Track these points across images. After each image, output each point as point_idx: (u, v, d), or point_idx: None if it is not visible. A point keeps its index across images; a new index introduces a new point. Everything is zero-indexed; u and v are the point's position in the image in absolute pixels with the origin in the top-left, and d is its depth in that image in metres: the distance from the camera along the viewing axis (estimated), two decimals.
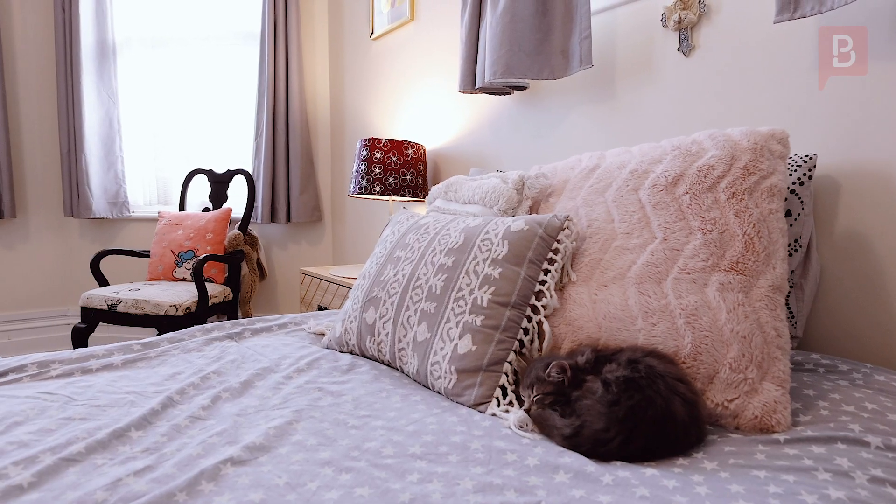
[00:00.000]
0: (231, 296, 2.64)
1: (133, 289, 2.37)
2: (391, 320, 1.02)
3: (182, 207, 2.83)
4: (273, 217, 2.80)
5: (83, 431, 0.72)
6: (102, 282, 2.54)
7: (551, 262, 0.95)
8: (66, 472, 0.63)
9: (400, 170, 1.99)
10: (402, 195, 1.98)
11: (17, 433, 0.72)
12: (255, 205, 2.78)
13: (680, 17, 1.34)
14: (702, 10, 1.31)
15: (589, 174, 1.08)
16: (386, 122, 2.48)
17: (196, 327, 1.21)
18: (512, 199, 1.13)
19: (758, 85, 1.20)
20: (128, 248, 3.02)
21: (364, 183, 1.99)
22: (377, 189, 1.97)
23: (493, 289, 0.92)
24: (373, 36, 2.52)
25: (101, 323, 2.35)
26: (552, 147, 1.69)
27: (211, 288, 2.48)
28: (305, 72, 2.87)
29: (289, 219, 2.82)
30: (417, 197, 2.02)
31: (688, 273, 0.84)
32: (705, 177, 0.90)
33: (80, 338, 2.35)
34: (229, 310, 2.70)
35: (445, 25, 2.09)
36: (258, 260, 2.82)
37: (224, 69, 2.95)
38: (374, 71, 2.56)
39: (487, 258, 0.96)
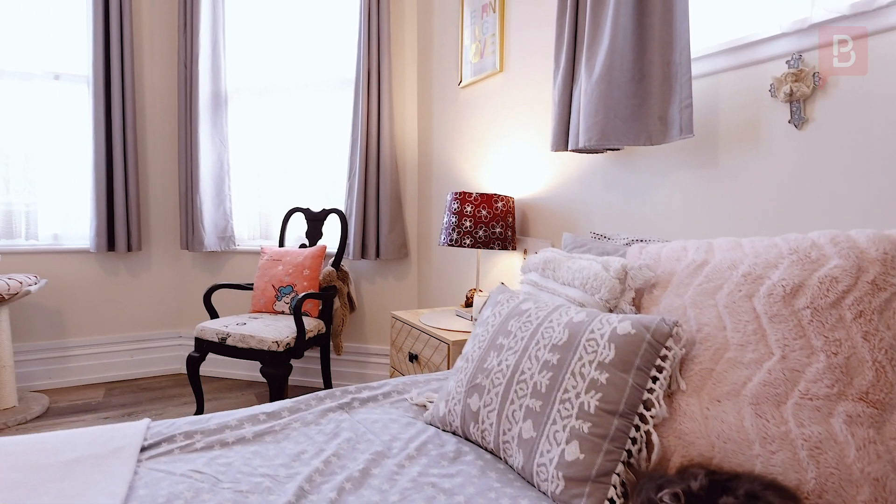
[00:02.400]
0: (324, 329, 2.81)
1: (240, 323, 2.58)
2: (495, 411, 1.06)
3: (282, 243, 3.05)
4: (363, 254, 2.94)
5: None
6: (213, 313, 2.78)
7: (659, 369, 0.95)
8: None
9: (490, 223, 2.04)
10: (492, 248, 2.03)
11: None
12: (347, 242, 2.94)
13: (791, 90, 1.28)
14: (815, 83, 1.25)
15: (697, 270, 1.06)
16: (472, 168, 2.55)
17: (311, 396, 1.32)
18: (615, 290, 1.14)
19: (881, 166, 1.13)
20: (233, 281, 3.29)
21: (455, 235, 2.05)
22: (467, 242, 2.03)
23: (600, 395, 0.94)
24: (461, 84, 2.59)
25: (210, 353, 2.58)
26: (646, 210, 1.67)
27: (307, 322, 2.66)
28: (396, 116, 3.01)
29: (378, 255, 2.96)
30: (506, 249, 2.06)
31: (810, 399, 0.82)
32: (828, 290, 0.87)
33: (193, 366, 2.60)
34: (322, 342, 2.87)
35: (534, 79, 2.12)
36: (349, 294, 2.98)
37: (321, 114, 3.15)
38: (462, 117, 2.63)
39: (594, 360, 0.98)
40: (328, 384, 2.92)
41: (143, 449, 1.07)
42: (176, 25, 3.22)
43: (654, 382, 0.95)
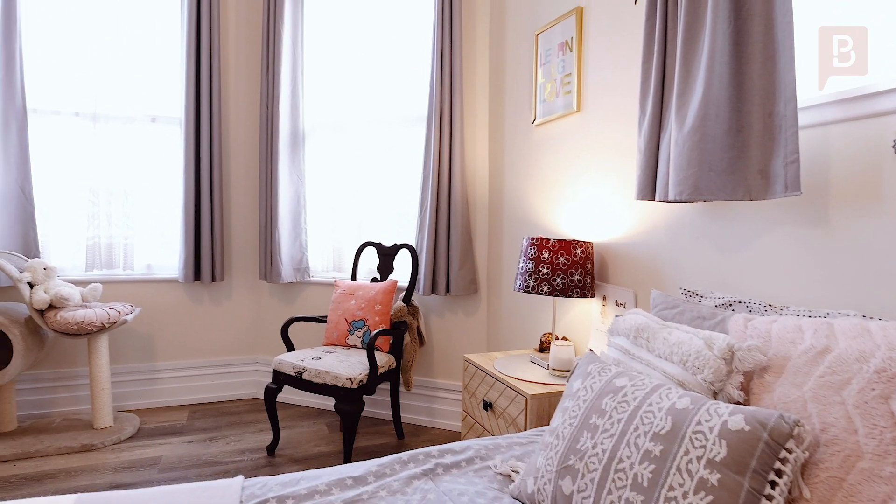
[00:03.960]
0: (395, 364, 2.83)
1: (315, 357, 2.64)
2: (591, 499, 1.01)
3: (354, 276, 3.12)
4: (434, 289, 2.95)
5: None
6: (289, 345, 2.87)
7: (779, 473, 0.87)
8: None
9: (568, 270, 1.98)
10: (571, 295, 1.97)
11: None
12: (418, 277, 2.96)
13: None
14: None
15: (817, 358, 0.97)
16: (547, 208, 2.50)
17: (395, 458, 1.32)
18: (720, 371, 1.06)
19: None
20: (307, 311, 3.40)
21: (531, 282, 2.01)
22: (544, 289, 1.98)
23: (711, 497, 0.87)
24: (534, 122, 2.56)
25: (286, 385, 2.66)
26: (742, 266, 1.56)
27: (378, 357, 2.69)
28: (467, 152, 3.02)
29: (448, 291, 2.96)
30: (585, 297, 2.00)
31: None
32: None
33: (270, 397, 2.69)
34: (393, 377, 2.89)
35: (614, 121, 2.06)
36: (418, 328, 2.99)
37: (393, 150, 3.22)
38: (535, 156, 2.60)
39: (702, 457, 0.91)
40: (397, 418, 2.94)
41: None
42: (259, 70, 3.41)
43: (773, 488, 0.87)
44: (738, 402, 1.07)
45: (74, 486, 2.35)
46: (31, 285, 2.73)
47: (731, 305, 1.46)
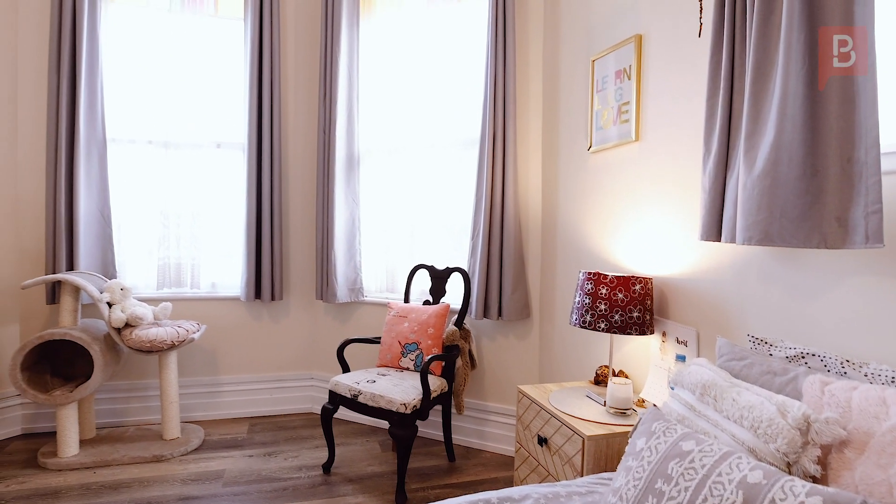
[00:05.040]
0: (447, 388, 2.86)
1: (370, 380, 2.70)
2: None
3: (407, 298, 3.17)
4: (486, 313, 2.96)
5: None
6: (345, 367, 2.95)
7: None
8: None
9: (626, 306, 1.95)
10: (629, 333, 1.94)
11: None
12: (470, 301, 2.98)
13: None
14: None
15: None
16: (602, 236, 2.46)
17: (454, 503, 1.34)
18: (794, 443, 1.03)
19: None
20: (360, 330, 3.48)
21: (588, 318, 1.99)
22: (602, 326, 1.95)
23: None
24: (590, 149, 2.53)
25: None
26: (815, 315, 1.49)
27: (431, 381, 2.72)
28: (520, 177, 3.01)
29: (500, 315, 2.96)
30: (644, 333, 1.96)
31: None
32: None
33: (327, 417, 2.77)
34: (445, 400, 2.92)
35: (676, 154, 2.01)
36: (470, 351, 3.01)
37: (446, 173, 3.25)
38: (590, 183, 2.57)
39: None
40: (448, 440, 2.96)
41: None
42: (316, 96, 3.52)
43: None
44: (815, 477, 1.03)
45: (147, 497, 2.50)
46: (109, 305, 2.93)
47: (803, 358, 1.40)
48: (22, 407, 3.22)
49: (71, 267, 3.12)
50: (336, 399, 2.72)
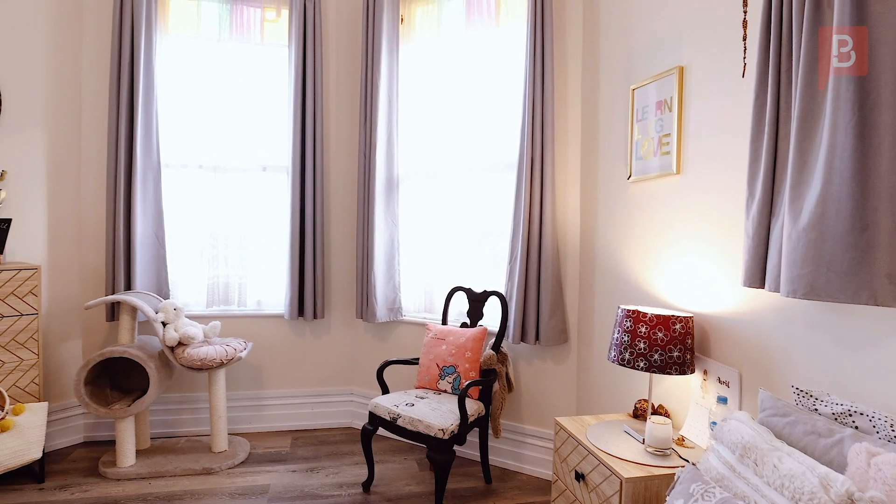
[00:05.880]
0: (484, 412, 2.89)
1: (408, 403, 2.77)
2: None
3: (444, 320, 3.22)
4: (524, 337, 2.98)
5: None
6: (384, 387, 3.02)
7: None
8: None
9: (667, 346, 1.94)
10: (669, 373, 1.92)
11: None
12: (507, 325, 3.00)
13: None
14: None
15: None
16: (644, 268, 2.45)
17: None
18: None
19: None
20: (398, 350, 3.55)
21: (627, 356, 1.99)
22: (641, 365, 1.95)
23: None
24: (629, 179, 2.52)
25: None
26: (864, 371, 1.45)
27: (468, 405, 2.76)
28: (558, 201, 3.02)
29: (538, 340, 2.97)
30: (684, 373, 1.94)
31: None
32: None
33: (366, 437, 2.84)
34: (482, 424, 2.95)
35: (718, 190, 1.98)
36: (507, 375, 3.04)
37: (483, 196, 3.28)
38: (630, 212, 2.55)
39: None
40: (485, 462, 3.00)
41: None
42: (357, 121, 3.62)
43: None
44: None
45: None
46: (163, 324, 3.09)
47: (850, 415, 1.37)
48: (84, 416, 3.44)
49: (128, 286, 3.30)
50: (376, 420, 2.80)
